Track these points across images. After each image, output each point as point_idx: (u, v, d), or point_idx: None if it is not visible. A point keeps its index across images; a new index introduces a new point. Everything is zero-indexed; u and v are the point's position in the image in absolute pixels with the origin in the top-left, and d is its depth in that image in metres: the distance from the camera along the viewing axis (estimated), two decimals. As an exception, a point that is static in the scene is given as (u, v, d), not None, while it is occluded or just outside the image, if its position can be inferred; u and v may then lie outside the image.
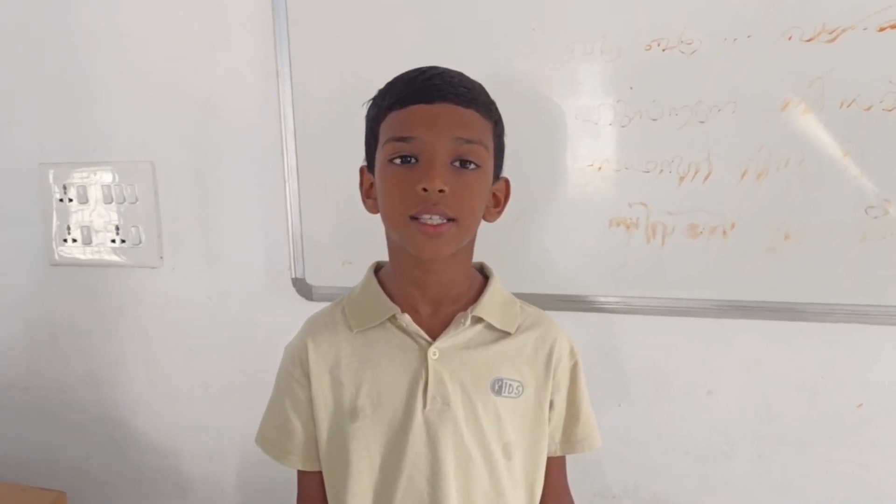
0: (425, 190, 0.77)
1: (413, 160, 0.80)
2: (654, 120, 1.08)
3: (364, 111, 0.89)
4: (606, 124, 1.10)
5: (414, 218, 0.79)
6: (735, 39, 1.03)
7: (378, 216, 0.88)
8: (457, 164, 0.80)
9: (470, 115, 0.81)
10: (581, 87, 1.10)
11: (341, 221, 1.24)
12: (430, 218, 0.78)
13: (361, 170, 0.90)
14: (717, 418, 1.16)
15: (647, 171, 1.09)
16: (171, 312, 1.41)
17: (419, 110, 0.80)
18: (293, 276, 1.29)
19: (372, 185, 0.87)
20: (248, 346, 1.37)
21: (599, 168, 1.11)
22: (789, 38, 1.01)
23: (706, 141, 1.06)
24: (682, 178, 1.08)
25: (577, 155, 1.12)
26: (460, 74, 0.84)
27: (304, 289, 1.29)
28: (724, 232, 1.08)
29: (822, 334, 1.08)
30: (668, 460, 1.19)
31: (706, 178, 1.07)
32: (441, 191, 0.77)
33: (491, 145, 0.84)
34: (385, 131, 0.82)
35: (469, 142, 0.80)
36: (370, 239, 1.19)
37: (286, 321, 1.29)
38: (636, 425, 1.19)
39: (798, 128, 1.03)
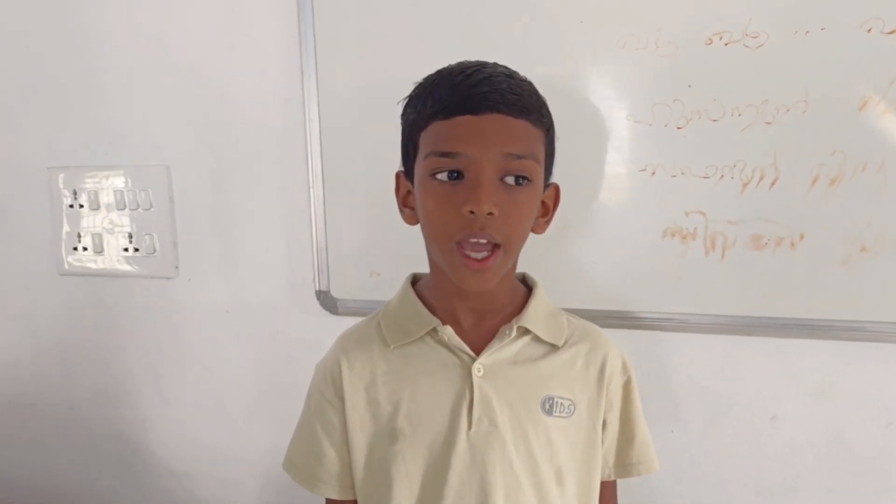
0: (472, 212, 0.71)
1: (457, 175, 0.73)
2: (714, 121, 0.99)
3: (398, 109, 0.81)
4: (662, 125, 1.01)
5: (458, 244, 0.73)
6: (807, 32, 0.94)
7: (417, 229, 0.81)
8: (506, 179, 0.73)
9: (521, 126, 0.74)
10: (634, 84, 1.02)
11: (369, 230, 1.17)
12: (476, 242, 0.72)
13: (397, 175, 0.83)
14: (782, 447, 1.06)
15: (707, 177, 1.01)
16: (187, 326, 1.33)
17: (465, 122, 0.73)
18: (317, 289, 1.22)
19: (409, 192, 0.81)
20: (269, 363, 1.30)
21: (653, 173, 1.03)
22: (868, 31, 0.92)
23: (773, 144, 0.97)
24: (745, 185, 0.99)
25: (629, 159, 1.04)
26: (508, 76, 0.76)
27: (328, 302, 1.21)
28: (792, 243, 0.99)
29: (902, 357, 0.99)
30: (726, 492, 1.10)
31: (772, 184, 0.98)
32: (490, 213, 0.71)
33: (542, 156, 0.77)
34: (426, 143, 0.76)
35: (520, 157, 0.74)
36: (400, 249, 1.12)
37: (309, 336, 1.24)
38: (691, 453, 1.10)
39: (877, 129, 0.94)
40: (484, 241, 0.73)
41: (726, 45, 0.97)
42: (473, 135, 0.72)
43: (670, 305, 1.06)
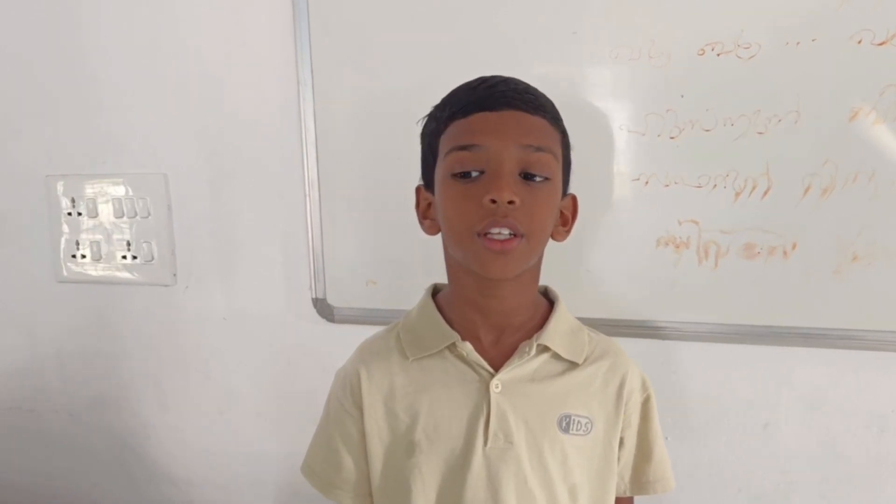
0: (493, 202, 0.71)
1: (478, 173, 0.73)
2: (706, 131, 1.00)
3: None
4: (655, 135, 1.02)
5: (480, 235, 0.72)
6: (798, 43, 0.95)
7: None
8: (525, 175, 0.73)
9: (538, 122, 0.75)
10: (627, 95, 1.02)
11: (366, 239, 1.17)
12: (499, 232, 0.72)
13: (418, 189, 0.84)
14: (775, 454, 1.07)
15: (700, 186, 1.01)
16: (185, 333, 1.34)
17: (483, 117, 0.74)
18: (314, 296, 1.22)
19: (430, 205, 0.81)
20: (266, 370, 1.30)
21: (646, 182, 1.03)
22: (859, 42, 0.93)
23: (765, 153, 0.98)
24: (737, 194, 1.00)
25: (622, 168, 1.04)
26: (525, 82, 0.78)
27: (325, 310, 1.22)
28: (785, 252, 1.00)
29: (893, 365, 0.99)
30: (720, 499, 1.10)
31: (764, 193, 0.99)
32: (511, 202, 0.71)
33: (560, 156, 0.78)
34: (446, 143, 0.76)
35: (538, 149, 0.74)
36: (396, 258, 1.13)
37: (306, 343, 1.25)
38: (684, 460, 1.10)
39: (868, 139, 0.94)
40: (506, 231, 0.72)
41: (719, 55, 0.98)
42: (492, 128, 0.73)
43: (664, 314, 1.06)
